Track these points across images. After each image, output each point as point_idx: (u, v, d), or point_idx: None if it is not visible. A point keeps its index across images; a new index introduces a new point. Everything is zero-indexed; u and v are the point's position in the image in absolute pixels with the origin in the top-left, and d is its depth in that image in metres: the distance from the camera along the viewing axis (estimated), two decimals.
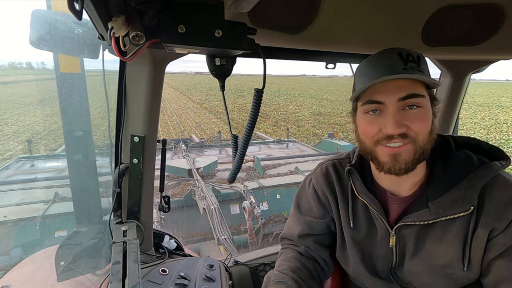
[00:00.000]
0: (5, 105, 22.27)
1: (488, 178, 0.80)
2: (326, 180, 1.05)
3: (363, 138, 0.86)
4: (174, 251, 1.54)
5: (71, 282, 1.39)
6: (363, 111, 0.84)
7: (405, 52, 0.79)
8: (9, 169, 5.96)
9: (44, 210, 4.23)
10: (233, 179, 0.97)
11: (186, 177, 6.98)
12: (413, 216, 0.85)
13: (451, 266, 0.84)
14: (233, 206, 6.18)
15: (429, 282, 0.88)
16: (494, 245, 0.79)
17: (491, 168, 0.81)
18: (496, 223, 0.78)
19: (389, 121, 0.77)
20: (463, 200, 0.80)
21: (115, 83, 1.14)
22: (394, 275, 0.96)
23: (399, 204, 0.91)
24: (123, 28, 0.55)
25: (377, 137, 0.81)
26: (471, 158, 0.85)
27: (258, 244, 5.40)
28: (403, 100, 0.77)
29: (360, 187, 0.95)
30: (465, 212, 0.80)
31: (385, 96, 0.78)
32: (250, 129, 0.84)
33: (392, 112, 0.77)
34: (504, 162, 0.83)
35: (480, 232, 0.80)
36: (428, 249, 0.87)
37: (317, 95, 45.58)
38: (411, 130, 0.78)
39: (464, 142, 0.93)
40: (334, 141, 9.76)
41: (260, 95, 0.82)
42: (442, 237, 0.84)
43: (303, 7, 0.85)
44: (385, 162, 0.81)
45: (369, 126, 0.83)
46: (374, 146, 0.83)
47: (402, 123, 0.77)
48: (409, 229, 0.88)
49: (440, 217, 0.82)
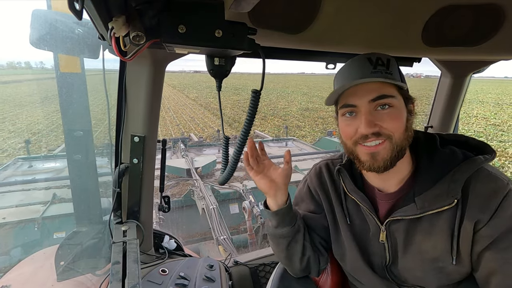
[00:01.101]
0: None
1: (471, 171, 0.83)
2: (319, 180, 1.11)
3: (344, 140, 0.92)
4: (174, 251, 1.54)
5: (71, 282, 1.38)
6: (341, 114, 0.90)
7: (374, 57, 0.85)
8: (7, 170, 5.94)
9: (42, 212, 4.22)
10: (225, 182, 0.97)
11: (185, 177, 6.97)
12: (401, 211, 0.89)
13: (441, 259, 0.86)
14: (232, 206, 6.18)
15: (422, 277, 0.90)
16: (481, 237, 0.80)
17: (474, 162, 0.84)
18: (481, 215, 0.80)
19: (362, 121, 0.83)
20: (447, 194, 0.82)
21: (115, 82, 1.14)
22: (390, 273, 0.98)
23: (387, 200, 0.95)
24: (124, 28, 0.55)
25: (354, 138, 0.87)
26: (456, 153, 0.88)
27: (258, 244, 5.39)
28: (374, 101, 0.83)
29: (350, 186, 1.00)
30: (449, 205, 0.82)
31: (357, 99, 0.84)
32: (247, 130, 0.84)
33: (364, 113, 0.83)
34: (488, 156, 0.85)
35: (466, 225, 0.81)
36: (417, 243, 0.89)
37: (309, 92, 47.63)
38: (383, 129, 0.83)
39: (453, 139, 0.96)
40: (332, 139, 9.76)
41: (258, 96, 0.82)
42: (430, 231, 0.87)
43: (303, 7, 0.85)
44: (364, 160, 0.87)
45: (347, 128, 0.89)
46: (354, 146, 0.89)
47: (375, 123, 0.83)
48: (398, 224, 0.91)
49: (427, 211, 0.85)
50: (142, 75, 1.08)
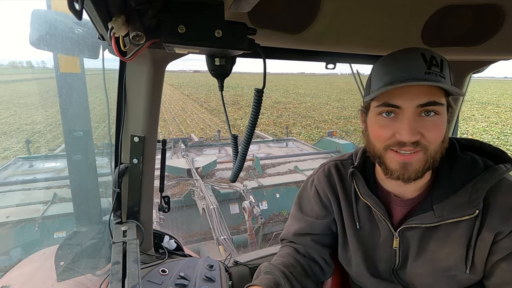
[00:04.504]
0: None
1: (493, 181, 0.79)
2: (328, 181, 1.04)
3: (374, 141, 0.83)
4: (174, 251, 1.54)
5: (71, 282, 1.39)
6: (376, 112, 0.80)
7: (429, 54, 0.75)
8: (7, 170, 5.94)
9: (43, 211, 4.22)
10: (235, 178, 0.96)
11: (185, 176, 6.95)
12: (418, 218, 0.85)
13: (454, 268, 0.84)
14: (232, 206, 6.17)
15: (432, 283, 0.88)
16: (499, 248, 0.78)
17: (496, 172, 0.80)
18: (502, 227, 0.77)
19: (404, 127, 0.74)
20: (468, 204, 0.79)
21: (115, 81, 1.14)
22: (396, 276, 0.95)
23: (403, 206, 0.90)
24: (123, 28, 0.55)
25: (388, 142, 0.79)
26: (477, 161, 0.84)
27: (258, 244, 5.39)
28: (422, 107, 0.74)
29: (363, 189, 0.94)
30: (470, 216, 0.79)
31: (404, 101, 0.74)
32: (252, 128, 0.83)
33: (408, 118, 0.74)
34: (509, 165, 0.82)
35: (485, 236, 0.79)
36: (431, 252, 0.86)
37: (292, 90, 49.51)
38: (424, 139, 0.75)
39: (467, 145, 0.92)
40: (333, 139, 9.74)
41: (261, 95, 0.81)
42: (445, 239, 0.84)
43: (303, 7, 0.85)
44: (394, 169, 0.79)
45: (382, 129, 0.79)
46: (384, 151, 0.81)
47: (418, 130, 0.74)
48: (413, 231, 0.87)
49: (445, 220, 0.81)
50: (142, 75, 1.08)
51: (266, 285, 0.91)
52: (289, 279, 0.96)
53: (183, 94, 41.95)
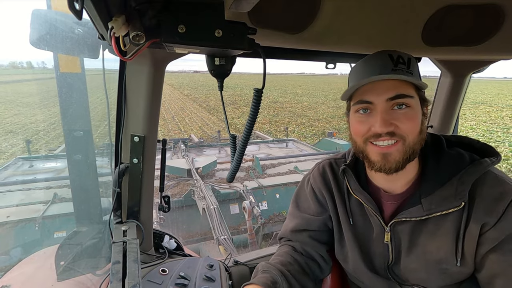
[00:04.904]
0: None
1: (478, 174, 0.83)
2: (323, 179, 1.09)
3: (354, 137, 0.90)
4: (174, 251, 1.54)
5: (71, 282, 1.39)
6: (354, 110, 0.88)
7: (396, 54, 0.83)
8: (7, 170, 5.95)
9: (43, 211, 4.22)
10: (232, 178, 0.97)
11: (185, 177, 6.96)
12: (407, 212, 0.88)
13: (445, 261, 0.86)
14: (232, 206, 6.17)
15: (426, 278, 0.90)
16: (486, 239, 0.80)
17: (481, 165, 0.83)
18: (487, 218, 0.80)
19: (377, 120, 0.81)
20: (454, 196, 0.82)
21: (115, 81, 1.14)
22: (392, 273, 0.97)
23: (392, 201, 0.94)
24: (123, 28, 0.55)
25: (366, 135, 0.85)
26: (463, 156, 0.88)
27: (258, 244, 5.40)
28: (392, 100, 0.80)
29: (354, 186, 0.98)
30: (456, 208, 0.82)
31: (374, 96, 0.82)
32: (249, 128, 0.84)
33: (380, 111, 0.81)
34: (494, 158, 0.85)
35: (472, 227, 0.81)
36: (422, 245, 0.89)
37: (290, 90, 50.31)
38: (399, 129, 0.81)
39: (456, 141, 0.95)
40: (333, 140, 9.75)
41: (260, 95, 0.82)
42: (435, 232, 0.87)
43: (303, 7, 0.85)
44: (375, 161, 0.85)
45: (359, 125, 0.86)
46: (364, 145, 0.87)
47: (390, 122, 0.80)
48: (403, 225, 0.90)
49: (433, 213, 0.84)
50: (142, 75, 1.08)
51: (264, 284, 0.93)
52: (286, 277, 0.99)
53: (183, 94, 42.56)
